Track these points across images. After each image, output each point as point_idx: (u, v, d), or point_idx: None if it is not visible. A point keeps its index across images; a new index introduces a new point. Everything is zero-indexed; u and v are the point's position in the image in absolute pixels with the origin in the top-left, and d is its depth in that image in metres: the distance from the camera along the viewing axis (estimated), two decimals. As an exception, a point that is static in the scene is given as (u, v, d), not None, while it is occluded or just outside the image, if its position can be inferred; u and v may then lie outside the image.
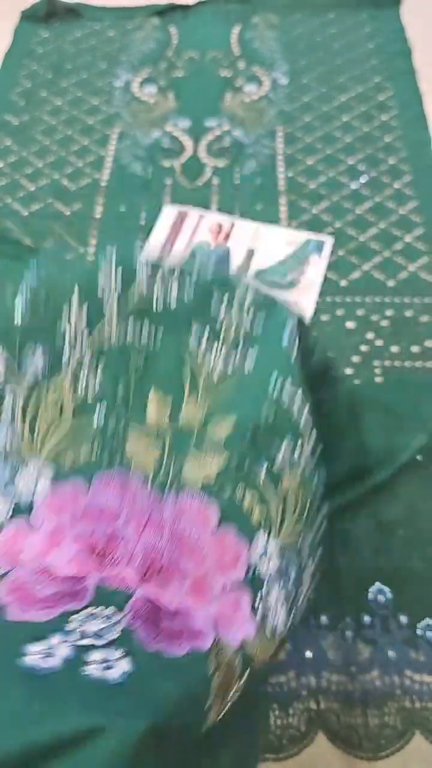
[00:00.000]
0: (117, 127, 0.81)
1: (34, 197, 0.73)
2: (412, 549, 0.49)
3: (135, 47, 0.92)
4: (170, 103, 0.83)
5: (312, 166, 0.75)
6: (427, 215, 0.69)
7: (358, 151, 0.76)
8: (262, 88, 0.84)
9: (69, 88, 0.86)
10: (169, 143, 0.78)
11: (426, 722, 0.43)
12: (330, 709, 0.43)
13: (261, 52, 0.89)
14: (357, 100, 0.82)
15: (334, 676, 0.44)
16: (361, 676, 0.44)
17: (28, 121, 0.82)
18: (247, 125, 0.80)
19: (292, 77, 0.85)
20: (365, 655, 0.45)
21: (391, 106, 0.81)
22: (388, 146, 0.76)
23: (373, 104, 0.81)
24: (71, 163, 0.77)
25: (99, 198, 0.73)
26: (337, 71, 0.86)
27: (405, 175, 0.73)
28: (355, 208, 0.70)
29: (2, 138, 0.80)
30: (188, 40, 0.92)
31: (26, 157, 0.77)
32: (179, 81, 0.86)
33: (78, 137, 0.80)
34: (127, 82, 0.87)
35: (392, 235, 0.68)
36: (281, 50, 0.89)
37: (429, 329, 0.60)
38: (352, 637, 0.45)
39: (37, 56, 0.91)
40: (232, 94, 0.84)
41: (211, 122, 0.80)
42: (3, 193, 0.74)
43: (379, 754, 0.42)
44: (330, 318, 0.62)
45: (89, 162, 0.77)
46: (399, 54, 0.87)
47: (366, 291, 0.64)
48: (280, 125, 0.79)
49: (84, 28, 0.95)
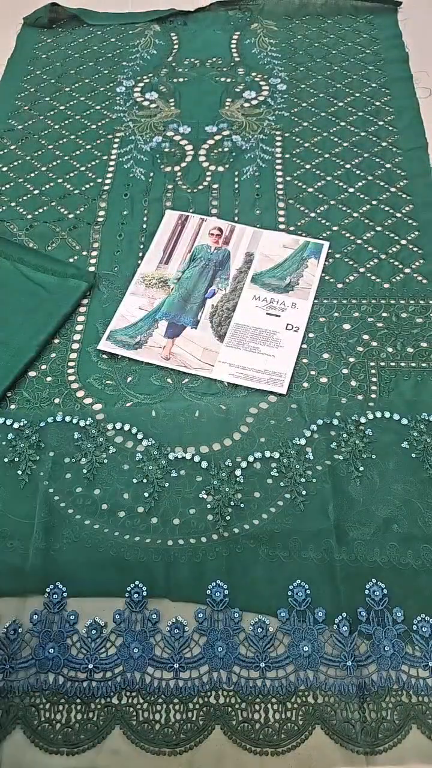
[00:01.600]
0: (119, 132, 0.82)
1: (38, 201, 0.74)
2: (408, 545, 0.50)
3: (137, 53, 0.93)
4: (171, 108, 0.85)
5: (310, 170, 0.76)
6: (422, 219, 0.70)
7: (355, 155, 0.77)
8: (261, 94, 0.86)
9: (72, 93, 0.88)
10: (169, 148, 0.80)
11: (423, 717, 0.44)
12: (327, 703, 0.44)
13: (260, 59, 0.91)
14: (354, 105, 0.83)
15: (331, 671, 0.45)
16: (358, 671, 0.45)
17: (31, 125, 0.83)
18: (246, 130, 0.81)
19: (291, 83, 0.87)
20: (362, 650, 0.46)
21: (387, 111, 0.82)
22: (384, 151, 0.77)
23: (370, 110, 0.82)
24: (74, 167, 0.78)
25: (101, 202, 0.74)
26: (334, 77, 0.87)
27: (401, 180, 0.74)
28: (352, 211, 0.71)
29: (6, 142, 0.81)
30: (189, 46, 0.93)
31: (30, 161, 0.79)
32: (180, 87, 0.87)
33: (81, 142, 0.81)
34: (128, 87, 0.88)
35: (388, 238, 0.69)
36: (280, 57, 0.91)
37: (423, 330, 0.62)
38: (349, 632, 0.46)
39: (40, 62, 0.92)
40: (232, 99, 0.85)
41: (211, 128, 0.82)
42: (7, 196, 0.75)
43: (376, 749, 0.43)
44: (327, 319, 0.63)
45: (92, 166, 0.78)
46: (396, 60, 0.88)
47: (362, 293, 0.65)
48: (279, 130, 0.81)
49: (86, 34, 0.96)
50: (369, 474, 0.53)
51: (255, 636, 0.47)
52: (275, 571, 0.49)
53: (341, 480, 0.53)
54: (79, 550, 0.50)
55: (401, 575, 0.49)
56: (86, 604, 0.48)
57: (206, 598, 0.48)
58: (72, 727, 0.44)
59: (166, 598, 0.48)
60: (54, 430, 0.56)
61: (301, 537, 0.50)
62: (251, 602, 0.48)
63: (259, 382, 0.58)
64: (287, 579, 0.49)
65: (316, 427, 0.55)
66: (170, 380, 0.59)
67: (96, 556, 0.50)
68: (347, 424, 0.55)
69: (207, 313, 0.64)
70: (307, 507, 0.51)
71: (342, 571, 0.48)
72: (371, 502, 0.52)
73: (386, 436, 0.55)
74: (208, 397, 0.58)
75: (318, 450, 0.54)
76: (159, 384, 0.59)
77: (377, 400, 0.57)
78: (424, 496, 0.52)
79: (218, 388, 0.59)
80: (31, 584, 0.49)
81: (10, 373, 0.59)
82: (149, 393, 0.58)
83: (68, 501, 0.52)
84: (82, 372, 0.60)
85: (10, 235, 0.70)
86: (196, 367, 0.60)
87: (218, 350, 0.61)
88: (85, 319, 0.64)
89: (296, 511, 0.51)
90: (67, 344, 0.62)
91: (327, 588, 0.48)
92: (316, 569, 0.49)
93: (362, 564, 0.49)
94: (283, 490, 0.52)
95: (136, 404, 0.58)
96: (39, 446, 0.55)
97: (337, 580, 0.48)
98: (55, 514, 0.51)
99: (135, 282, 0.67)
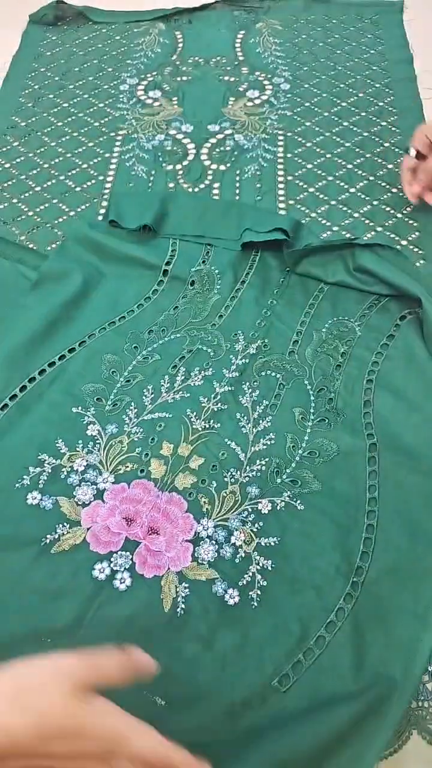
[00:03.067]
0: (121, 130, 0.82)
1: (40, 198, 0.75)
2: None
3: (141, 51, 0.93)
4: (174, 107, 0.85)
5: (311, 170, 0.76)
6: (422, 220, 0.70)
7: (357, 156, 0.77)
8: (265, 93, 0.86)
9: (75, 90, 0.88)
10: (171, 146, 0.80)
11: (423, 722, 0.43)
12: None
13: (264, 58, 0.91)
14: (357, 105, 0.83)
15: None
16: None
17: (34, 122, 0.84)
18: (248, 129, 0.81)
19: (294, 83, 0.87)
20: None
21: (391, 112, 0.82)
22: (386, 151, 0.77)
23: (373, 110, 0.82)
24: (76, 165, 0.78)
25: (103, 201, 0.74)
26: (338, 77, 0.87)
27: (403, 181, 0.74)
28: (353, 212, 0.72)
29: (9, 139, 0.81)
30: (193, 45, 0.94)
31: (32, 158, 0.79)
32: (183, 85, 0.88)
33: (83, 139, 0.81)
34: (132, 85, 0.88)
35: (389, 239, 0.69)
36: (284, 56, 0.91)
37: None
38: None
39: (44, 59, 0.93)
40: (235, 98, 0.85)
41: (214, 126, 0.82)
42: (9, 193, 0.75)
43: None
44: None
45: (94, 164, 0.78)
46: (400, 61, 0.88)
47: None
48: (281, 130, 0.81)
49: (91, 32, 0.97)
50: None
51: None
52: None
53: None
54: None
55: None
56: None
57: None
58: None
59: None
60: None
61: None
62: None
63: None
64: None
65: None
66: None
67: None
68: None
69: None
70: None
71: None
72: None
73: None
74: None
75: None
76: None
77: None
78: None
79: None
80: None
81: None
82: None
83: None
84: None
85: (11, 235, 0.70)
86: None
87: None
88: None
89: None
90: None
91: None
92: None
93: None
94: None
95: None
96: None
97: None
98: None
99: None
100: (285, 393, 0.56)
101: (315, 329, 0.60)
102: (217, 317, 0.61)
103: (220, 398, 0.55)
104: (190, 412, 0.54)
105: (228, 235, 0.67)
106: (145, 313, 0.61)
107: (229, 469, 0.51)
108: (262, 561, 0.47)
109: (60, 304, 0.61)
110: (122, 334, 0.60)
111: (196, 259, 0.65)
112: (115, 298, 0.63)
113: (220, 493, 0.50)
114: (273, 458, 0.52)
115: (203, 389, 0.56)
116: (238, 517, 0.49)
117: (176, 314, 0.61)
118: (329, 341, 0.58)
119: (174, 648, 0.43)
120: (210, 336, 0.59)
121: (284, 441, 0.53)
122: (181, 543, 0.48)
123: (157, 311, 0.62)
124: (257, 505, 0.50)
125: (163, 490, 0.51)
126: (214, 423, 0.54)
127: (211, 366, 0.57)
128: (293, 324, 0.60)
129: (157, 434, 0.53)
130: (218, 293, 0.63)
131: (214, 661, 0.43)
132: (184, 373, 0.57)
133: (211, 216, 0.69)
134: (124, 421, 0.54)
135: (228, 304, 0.62)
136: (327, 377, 0.56)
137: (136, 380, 0.57)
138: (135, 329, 0.60)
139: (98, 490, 0.51)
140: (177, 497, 0.50)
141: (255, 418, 0.54)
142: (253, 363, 0.57)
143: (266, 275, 0.64)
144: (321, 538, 0.47)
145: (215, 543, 0.48)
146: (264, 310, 0.61)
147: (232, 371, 0.57)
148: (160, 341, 0.59)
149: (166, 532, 0.48)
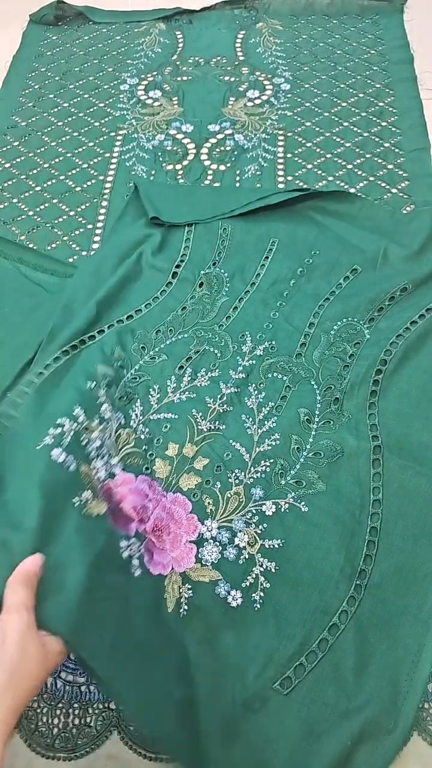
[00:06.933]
0: (122, 130, 0.82)
1: (40, 198, 0.75)
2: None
3: (141, 51, 0.93)
4: (174, 107, 0.85)
5: (311, 170, 0.76)
6: (423, 220, 0.70)
7: (357, 156, 0.77)
8: (265, 93, 0.86)
9: (76, 90, 0.88)
10: (171, 146, 0.80)
11: (423, 724, 0.43)
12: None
13: (264, 58, 0.91)
14: (357, 106, 0.83)
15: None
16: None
17: (35, 122, 0.84)
18: (248, 129, 0.81)
19: (295, 83, 0.87)
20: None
21: (391, 112, 0.82)
22: (386, 152, 0.77)
23: (373, 110, 0.82)
24: (76, 165, 0.78)
25: (103, 201, 0.74)
26: (338, 77, 0.87)
27: (403, 181, 0.74)
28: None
29: (9, 139, 0.81)
30: (193, 45, 0.93)
31: (32, 158, 0.79)
32: (183, 85, 0.88)
33: (83, 139, 0.81)
34: (132, 85, 0.88)
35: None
36: (284, 56, 0.91)
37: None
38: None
39: (45, 59, 0.93)
40: (235, 98, 0.85)
41: (214, 126, 0.82)
42: (9, 193, 0.75)
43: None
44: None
45: (94, 163, 0.78)
46: (401, 61, 0.88)
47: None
48: (281, 130, 0.81)
49: (92, 32, 0.97)
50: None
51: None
52: None
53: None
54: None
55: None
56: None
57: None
58: (70, 731, 0.44)
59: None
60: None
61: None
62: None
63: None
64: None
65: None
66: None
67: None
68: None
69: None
70: None
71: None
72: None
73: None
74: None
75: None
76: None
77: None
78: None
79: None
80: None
81: (10, 373, 0.59)
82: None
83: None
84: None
85: (11, 235, 0.70)
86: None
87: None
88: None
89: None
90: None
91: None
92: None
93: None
94: None
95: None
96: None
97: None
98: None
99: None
100: (291, 395, 0.55)
101: (323, 331, 0.59)
102: (225, 318, 0.61)
103: (226, 399, 0.55)
104: (196, 413, 0.54)
105: (237, 204, 0.68)
106: (153, 313, 0.61)
107: (233, 470, 0.51)
108: (266, 563, 0.47)
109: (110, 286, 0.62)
110: (129, 332, 0.60)
111: (206, 262, 0.65)
112: (123, 297, 0.62)
113: (225, 494, 0.50)
114: (278, 459, 0.51)
115: (209, 390, 0.56)
116: (242, 518, 0.49)
117: (184, 315, 0.61)
118: (337, 344, 0.58)
119: (176, 649, 0.43)
120: (217, 337, 0.59)
121: (289, 442, 0.52)
122: (184, 544, 0.48)
123: (165, 311, 0.62)
124: (261, 507, 0.49)
125: (168, 491, 0.50)
126: (219, 424, 0.54)
127: (218, 367, 0.57)
128: (301, 326, 0.60)
129: (163, 435, 0.53)
130: (226, 295, 0.63)
131: (215, 663, 0.43)
132: (190, 374, 0.57)
133: (224, 196, 0.71)
134: (131, 417, 0.54)
135: (236, 306, 0.62)
136: (334, 377, 0.56)
137: (143, 379, 0.57)
138: (142, 328, 0.60)
139: (110, 473, 0.50)
140: (182, 498, 0.50)
141: (260, 419, 0.54)
142: (260, 365, 0.57)
143: (275, 278, 0.64)
144: (325, 540, 0.47)
145: (219, 544, 0.48)
146: (272, 312, 0.61)
147: (239, 372, 0.57)
148: (167, 341, 0.59)
149: (170, 531, 0.48)
